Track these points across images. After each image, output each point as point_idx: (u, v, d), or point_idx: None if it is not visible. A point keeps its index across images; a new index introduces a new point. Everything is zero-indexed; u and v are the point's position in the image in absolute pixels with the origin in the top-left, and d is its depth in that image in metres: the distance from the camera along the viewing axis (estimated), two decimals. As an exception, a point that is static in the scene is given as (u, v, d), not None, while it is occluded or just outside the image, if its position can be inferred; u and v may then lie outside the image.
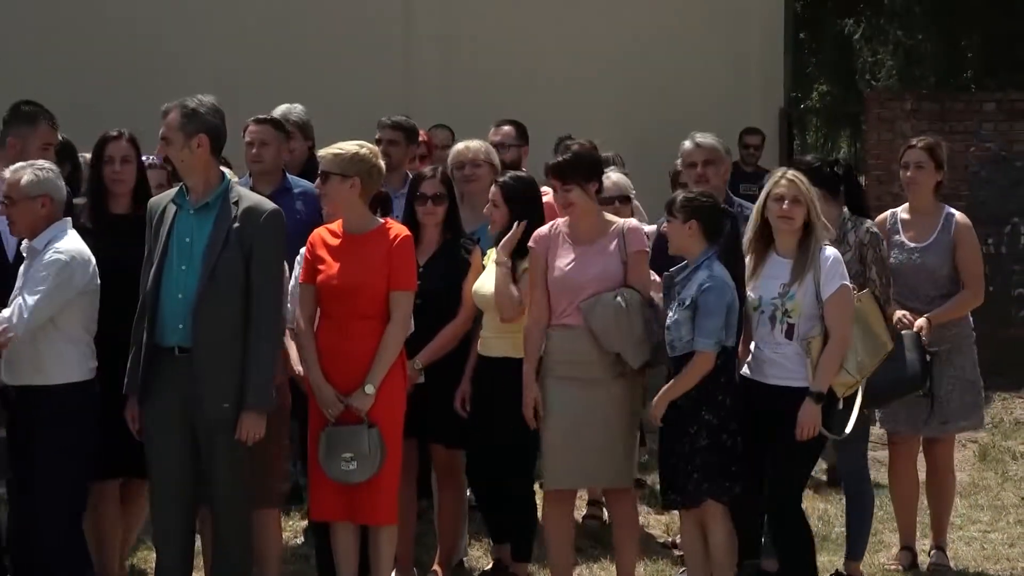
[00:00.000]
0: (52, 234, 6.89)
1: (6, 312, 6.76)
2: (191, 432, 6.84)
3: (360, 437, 6.97)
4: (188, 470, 6.88)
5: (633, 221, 7.48)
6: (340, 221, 7.21)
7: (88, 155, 7.57)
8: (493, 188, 7.67)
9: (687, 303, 7.03)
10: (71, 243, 6.89)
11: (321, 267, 7.14)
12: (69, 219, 7.01)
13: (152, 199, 7.07)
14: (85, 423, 6.87)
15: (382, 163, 7.24)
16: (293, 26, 12.97)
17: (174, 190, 6.98)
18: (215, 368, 6.77)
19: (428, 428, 7.46)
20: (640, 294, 7.18)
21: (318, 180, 7.26)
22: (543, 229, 7.38)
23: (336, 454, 6.98)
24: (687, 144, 8.21)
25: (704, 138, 8.19)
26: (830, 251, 7.15)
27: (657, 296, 7.24)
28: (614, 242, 7.26)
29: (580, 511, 8.92)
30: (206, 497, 6.94)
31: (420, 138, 9.61)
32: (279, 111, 9.33)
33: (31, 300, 6.74)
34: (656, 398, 7.08)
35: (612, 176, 8.55)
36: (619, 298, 7.12)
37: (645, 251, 7.32)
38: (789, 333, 7.09)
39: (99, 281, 6.91)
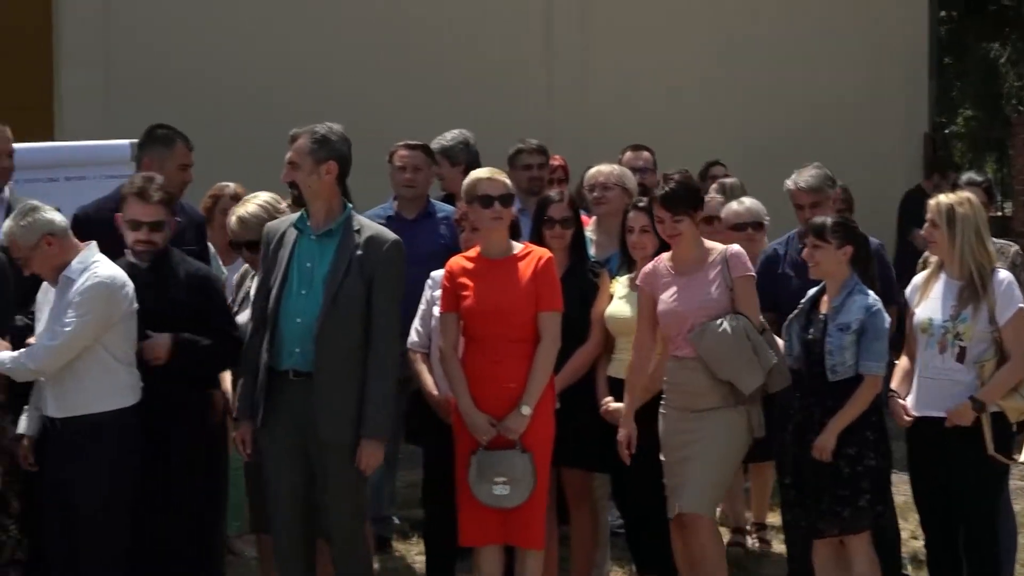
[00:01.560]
0: (84, 261, 6.92)
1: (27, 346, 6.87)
2: (305, 457, 6.89)
3: (513, 461, 7.00)
4: (302, 494, 6.90)
5: (736, 247, 7.44)
6: (476, 248, 7.30)
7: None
8: (635, 214, 7.65)
9: (851, 327, 7.04)
10: (107, 267, 6.92)
11: (465, 294, 7.18)
12: (95, 243, 7.03)
13: (270, 223, 7.13)
14: (134, 447, 6.90)
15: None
16: (434, 53, 13.11)
17: (294, 216, 7.06)
18: (332, 393, 6.81)
19: (562, 452, 7.39)
20: (749, 319, 7.18)
21: (496, 204, 7.22)
22: (648, 266, 7.40)
23: (487, 478, 7.01)
24: (791, 185, 8.11)
25: (808, 180, 8.06)
26: (1004, 274, 7.15)
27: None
28: (717, 269, 7.24)
29: (724, 537, 8.99)
30: (321, 526, 6.98)
31: (556, 162, 9.74)
32: (449, 136, 9.45)
33: (67, 328, 6.77)
34: (827, 432, 7.01)
35: (746, 202, 8.57)
36: (725, 325, 7.10)
37: (750, 275, 7.30)
38: (960, 357, 7.08)
39: (137, 304, 6.96)
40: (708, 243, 7.40)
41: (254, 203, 7.46)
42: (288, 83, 12.53)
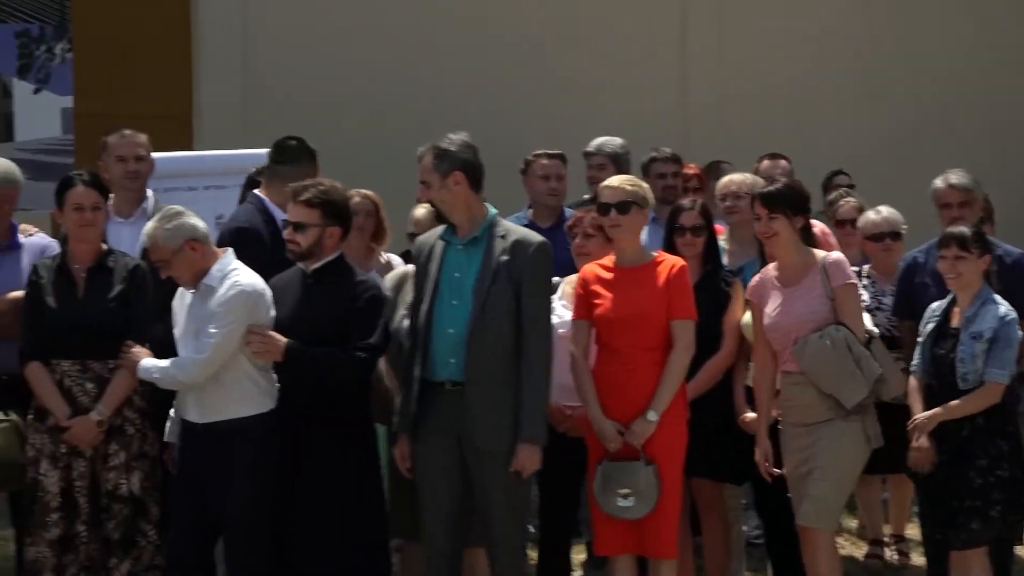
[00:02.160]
0: (223, 268, 7.01)
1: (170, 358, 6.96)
2: (462, 467, 6.92)
3: (637, 474, 6.98)
4: (457, 504, 6.93)
5: (835, 254, 7.40)
6: (611, 256, 7.30)
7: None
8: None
9: (984, 336, 7.00)
10: (247, 275, 7.02)
11: (597, 301, 7.18)
12: (231, 250, 7.13)
13: (419, 238, 7.19)
14: (273, 451, 6.98)
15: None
16: (570, 62, 13.11)
17: (440, 228, 7.09)
18: (487, 401, 6.83)
19: (691, 462, 7.34)
20: (850, 329, 7.11)
21: (612, 212, 7.21)
22: (756, 279, 7.37)
23: (612, 489, 7.00)
24: (940, 184, 8.04)
25: (959, 178, 8.02)
26: None
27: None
28: (816, 279, 7.21)
29: (862, 549, 8.92)
30: (477, 535, 7.00)
31: (690, 170, 9.70)
32: (596, 143, 9.51)
33: (212, 340, 6.88)
34: (922, 426, 7.01)
35: (883, 211, 8.47)
36: (824, 338, 7.05)
37: (851, 283, 7.25)
38: None
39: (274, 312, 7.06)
40: (813, 251, 7.35)
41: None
42: (425, 92, 12.57)
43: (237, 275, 7.00)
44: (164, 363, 6.97)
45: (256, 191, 7.92)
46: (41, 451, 7.08)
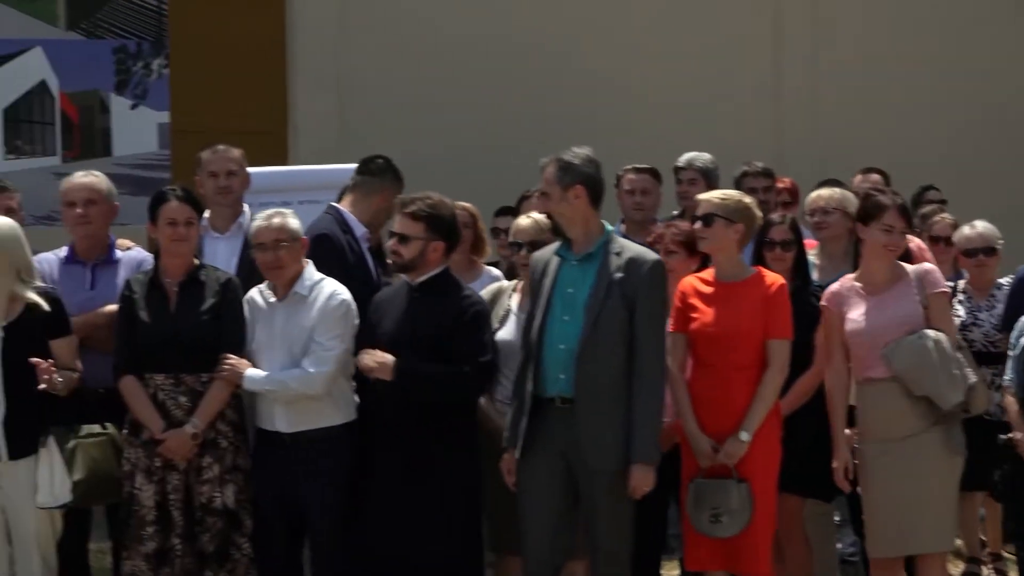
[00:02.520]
0: (311, 278, 7.16)
1: (290, 371, 7.06)
2: (569, 483, 6.92)
3: (728, 491, 6.95)
4: (563, 519, 6.93)
5: (928, 264, 7.38)
6: (712, 269, 7.27)
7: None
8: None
9: None
10: (337, 285, 7.17)
11: (695, 315, 7.15)
12: (311, 261, 7.25)
13: (536, 254, 7.17)
14: (354, 461, 7.11)
15: (759, 215, 7.33)
16: (663, 76, 13.08)
17: (556, 244, 7.09)
18: (597, 418, 6.81)
19: (780, 478, 7.26)
20: (945, 335, 7.05)
21: (698, 223, 7.25)
22: (835, 286, 7.31)
23: (704, 507, 6.98)
24: (968, 232, 8.08)
25: (986, 228, 8.08)
26: None
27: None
28: (910, 286, 7.15)
29: (959, 567, 8.83)
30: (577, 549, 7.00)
31: (783, 185, 9.66)
32: (685, 158, 9.50)
33: (332, 352, 7.04)
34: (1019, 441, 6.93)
35: (979, 226, 8.40)
36: (922, 339, 6.99)
37: (946, 291, 7.20)
38: None
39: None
40: (901, 263, 7.31)
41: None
42: (520, 105, 12.58)
43: (330, 285, 7.13)
44: (278, 375, 7.05)
45: (335, 203, 7.98)
46: (136, 465, 7.14)
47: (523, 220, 7.59)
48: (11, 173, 8.49)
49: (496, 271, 8.30)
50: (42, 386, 6.91)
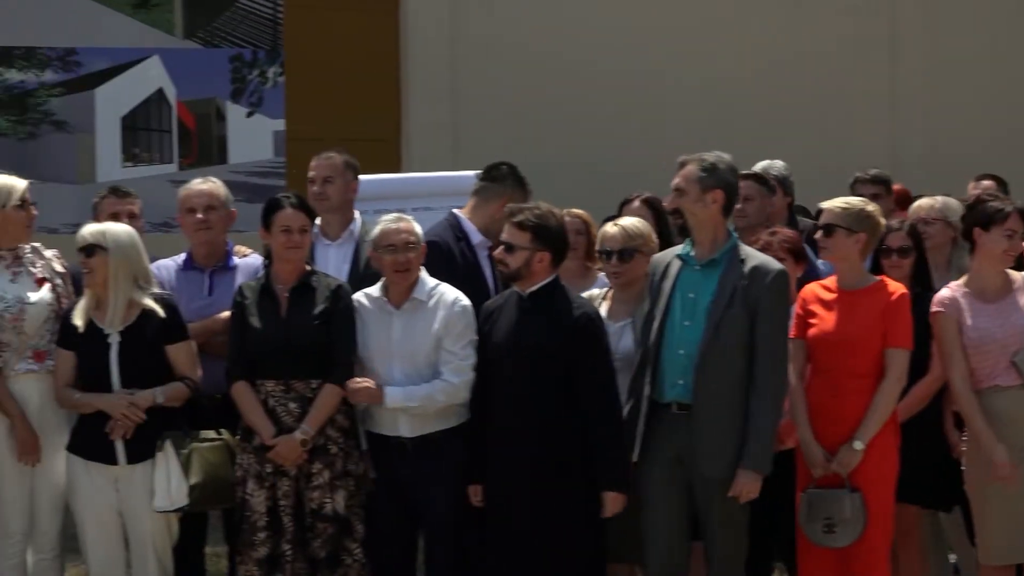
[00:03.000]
0: (427, 283, 7.25)
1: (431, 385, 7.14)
2: (686, 489, 6.90)
3: (841, 502, 6.88)
4: (682, 524, 6.92)
5: None
6: (834, 276, 7.20)
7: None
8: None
9: None
10: (453, 289, 7.26)
11: (813, 321, 7.11)
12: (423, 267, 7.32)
13: (656, 256, 7.18)
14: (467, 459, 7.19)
15: (883, 222, 7.25)
16: (772, 81, 13.02)
17: (678, 247, 7.09)
18: (714, 425, 6.79)
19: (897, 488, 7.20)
20: None
21: (819, 233, 7.20)
22: (944, 292, 7.22)
23: (817, 517, 6.92)
24: None
25: None
26: None
27: None
28: (1022, 296, 7.11)
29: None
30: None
31: (898, 190, 9.56)
32: (760, 166, 9.43)
33: (469, 360, 7.14)
34: None
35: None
36: None
37: None
38: None
39: None
40: (1007, 271, 7.25)
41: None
42: (637, 112, 12.58)
43: (450, 291, 7.23)
44: (421, 391, 7.12)
45: (455, 209, 7.99)
46: (248, 471, 7.18)
47: (610, 228, 7.52)
48: (129, 180, 8.59)
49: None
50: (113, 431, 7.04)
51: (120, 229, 7.24)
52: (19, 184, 7.33)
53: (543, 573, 6.96)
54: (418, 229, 7.25)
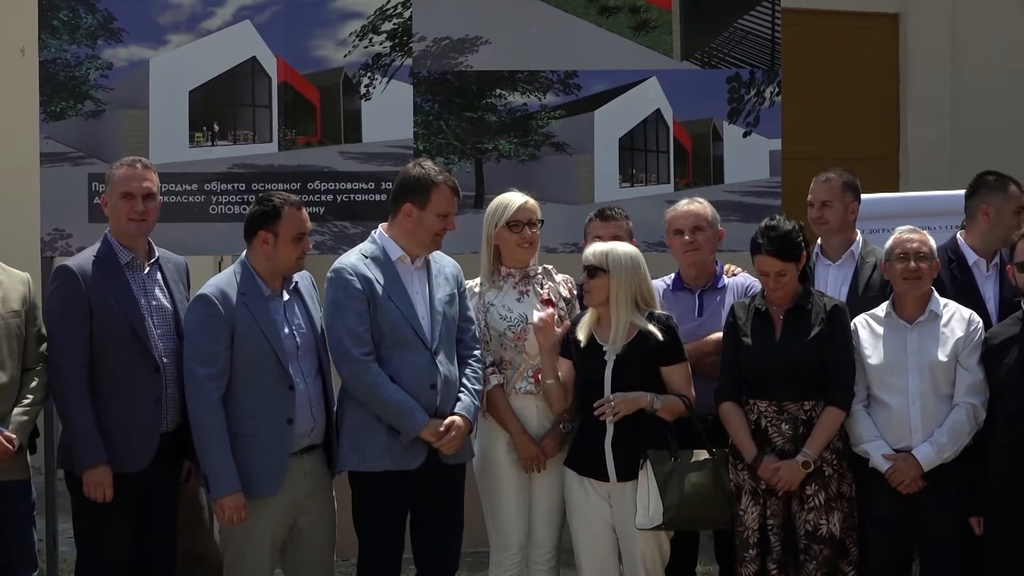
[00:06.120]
0: (938, 297, 7.28)
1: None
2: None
3: None
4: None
5: None
6: None
7: None
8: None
9: None
10: (962, 307, 7.31)
11: None
12: None
13: None
14: None
15: None
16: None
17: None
18: None
19: None
20: None
21: None
22: None
23: None
24: None
25: None
26: None
27: None
28: None
29: None
30: None
31: None
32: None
33: (980, 375, 7.16)
34: None
35: None
36: None
37: None
38: None
39: None
40: None
41: None
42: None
43: (962, 308, 7.34)
44: (942, 438, 7.12)
45: (959, 233, 7.99)
46: (742, 487, 7.23)
47: None
48: (625, 201, 8.74)
49: None
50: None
51: (623, 251, 7.34)
52: (515, 200, 7.54)
53: None
54: (931, 242, 7.22)
